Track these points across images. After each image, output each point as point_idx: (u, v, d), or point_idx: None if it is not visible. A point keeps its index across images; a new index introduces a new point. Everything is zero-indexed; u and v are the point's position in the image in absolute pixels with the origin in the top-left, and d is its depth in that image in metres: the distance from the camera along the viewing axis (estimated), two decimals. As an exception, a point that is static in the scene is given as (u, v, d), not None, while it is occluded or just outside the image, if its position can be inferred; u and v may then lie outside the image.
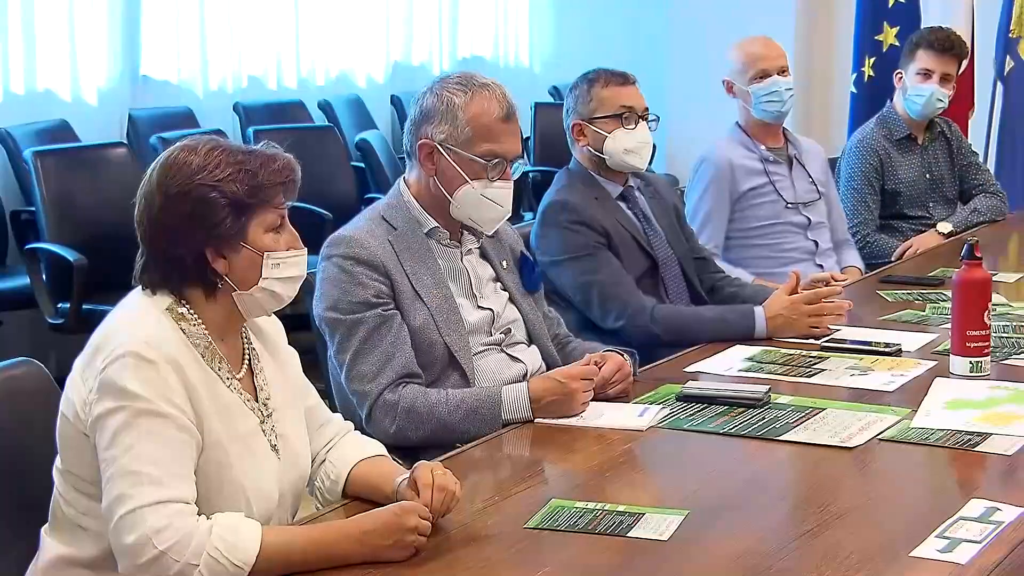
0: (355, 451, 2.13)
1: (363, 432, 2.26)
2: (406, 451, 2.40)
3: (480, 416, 2.46)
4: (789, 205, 3.94)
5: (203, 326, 1.93)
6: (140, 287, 1.95)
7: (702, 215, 3.91)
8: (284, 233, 1.98)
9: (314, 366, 2.55)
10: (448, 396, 2.48)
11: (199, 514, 1.80)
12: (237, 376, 1.96)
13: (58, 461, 1.93)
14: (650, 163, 3.33)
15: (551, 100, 7.62)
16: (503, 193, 2.58)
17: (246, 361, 2.00)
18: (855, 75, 6.02)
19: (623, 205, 3.27)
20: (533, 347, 2.71)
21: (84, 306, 4.36)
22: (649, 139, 3.21)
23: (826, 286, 3.27)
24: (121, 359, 1.82)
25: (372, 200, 5.83)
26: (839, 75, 6.93)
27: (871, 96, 5.78)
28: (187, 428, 1.84)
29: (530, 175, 6.28)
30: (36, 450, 1.95)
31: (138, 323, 1.88)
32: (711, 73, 4.31)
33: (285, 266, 1.96)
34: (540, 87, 7.78)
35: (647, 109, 3.22)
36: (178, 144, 1.95)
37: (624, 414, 2.47)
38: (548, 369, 2.66)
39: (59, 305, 4.48)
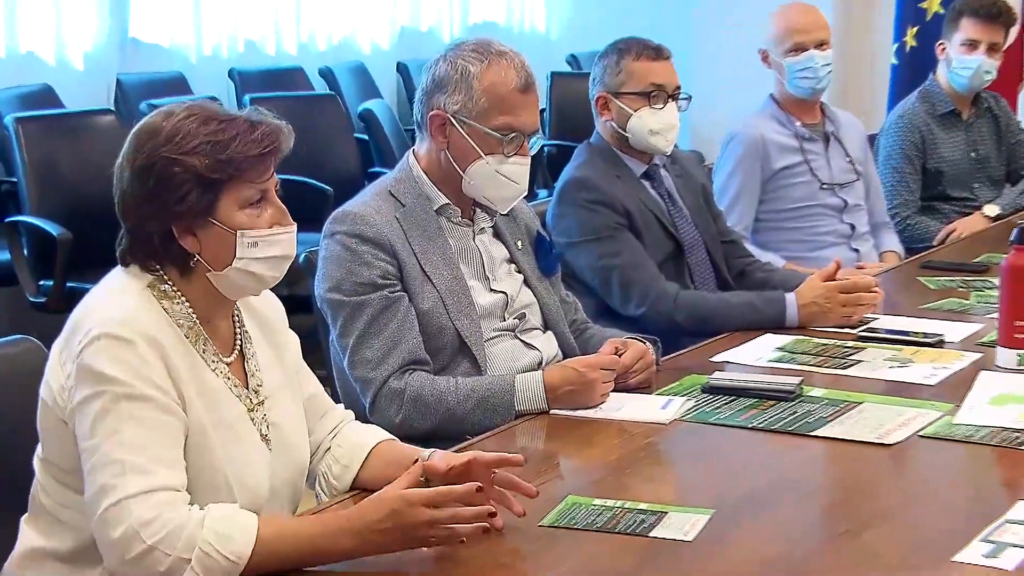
0: (367, 435, 2.13)
1: (366, 422, 2.27)
2: (412, 443, 2.40)
3: (492, 406, 2.47)
4: (824, 186, 3.94)
5: (187, 304, 1.93)
6: (122, 264, 1.95)
7: (731, 195, 3.91)
8: (267, 208, 1.93)
9: (314, 351, 2.56)
10: (458, 384, 2.49)
11: (189, 503, 1.81)
12: (226, 360, 1.96)
13: (39, 449, 1.94)
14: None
15: (568, 70, 7.62)
16: (519, 170, 2.59)
17: (237, 344, 2.00)
18: (896, 45, 6.00)
19: (647, 184, 3.27)
20: (549, 333, 2.71)
21: (68, 283, 4.38)
22: (676, 121, 3.19)
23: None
24: (96, 341, 1.82)
25: (375, 174, 5.82)
26: (879, 45, 6.90)
27: (913, 68, 5.76)
28: (171, 409, 1.84)
29: (546, 150, 6.28)
30: (32, 433, 1.95)
31: (115, 302, 1.88)
32: (740, 41, 4.31)
33: (265, 245, 1.92)
34: (557, 55, 7.78)
35: (679, 87, 3.20)
36: (159, 109, 1.94)
37: (646, 406, 2.48)
38: (565, 357, 2.66)
39: (41, 282, 4.51)
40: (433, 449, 2.06)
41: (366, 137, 5.95)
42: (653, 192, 3.27)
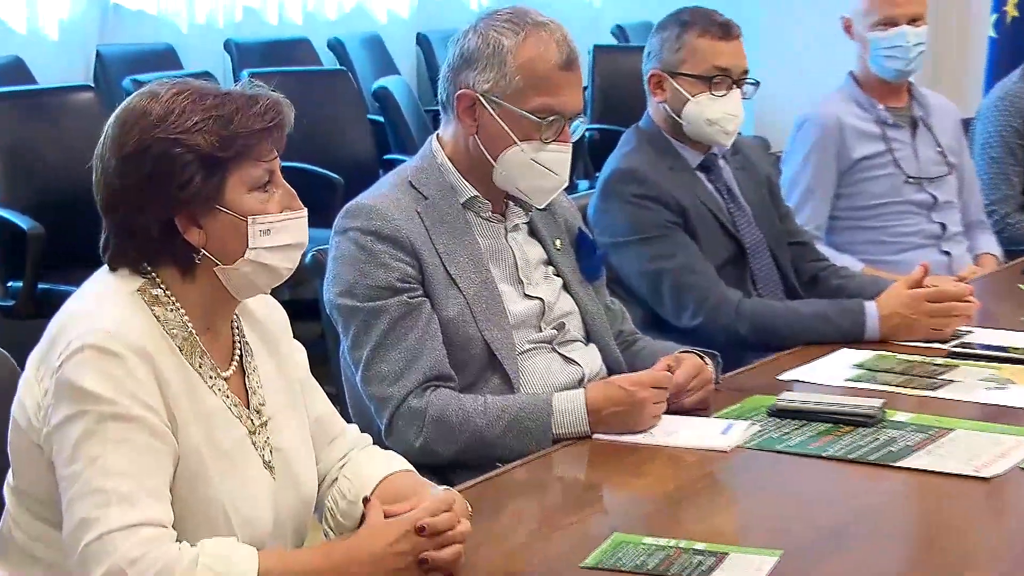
0: (378, 465, 2.15)
1: (382, 446, 2.28)
2: (434, 469, 2.42)
3: (525, 429, 2.48)
4: (910, 179, 3.94)
5: (182, 312, 1.94)
6: (108, 265, 1.96)
7: (801, 188, 3.91)
8: (276, 190, 1.96)
9: (322, 363, 2.58)
10: (487, 404, 2.50)
11: (179, 540, 1.82)
12: (223, 375, 1.98)
13: (10, 477, 1.96)
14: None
15: (614, 43, 7.63)
16: (559, 158, 2.60)
17: (236, 357, 2.02)
18: (995, 16, 5.98)
19: (703, 177, 3.27)
20: (592, 346, 2.72)
21: (40, 285, 4.41)
22: (739, 111, 3.19)
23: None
24: (79, 353, 1.83)
25: (392, 162, 5.80)
26: (975, 16, 6.88)
27: (1015, 42, 5.73)
28: (161, 433, 1.86)
29: (587, 135, 6.28)
30: (1, 458, 1.97)
31: (101, 309, 1.90)
32: (817, 11, 4.29)
33: (278, 231, 1.95)
34: (602, 26, 7.79)
35: (746, 72, 3.21)
36: (140, 90, 1.96)
37: (704, 430, 2.49)
38: (610, 373, 2.67)
39: (9, 283, 4.53)
40: (445, 487, 2.07)
41: (381, 119, 5.98)
42: (710, 186, 3.27)
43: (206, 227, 1.93)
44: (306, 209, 2.00)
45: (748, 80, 3.21)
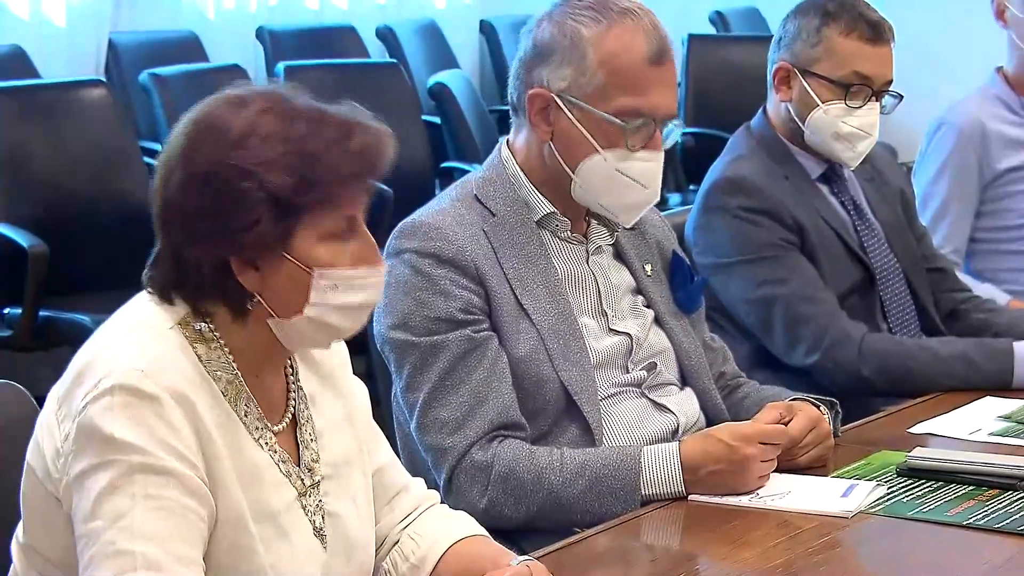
0: (450, 527, 2.15)
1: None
2: (501, 534, 2.41)
3: (609, 488, 2.48)
4: (1067, 196, 3.91)
5: (228, 351, 1.96)
6: (148, 290, 1.97)
7: (936, 204, 3.89)
8: (354, 240, 1.95)
9: (372, 407, 2.59)
10: (563, 458, 2.50)
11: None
12: (273, 428, 1.99)
13: (19, 531, 1.98)
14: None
15: (712, 31, 7.62)
16: (648, 168, 2.60)
17: (290, 406, 2.03)
18: None
19: (825, 189, 3.27)
20: (688, 390, 2.72)
21: (42, 312, 4.43)
22: (874, 128, 3.18)
23: None
24: (108, 396, 1.85)
25: (450, 171, 5.81)
26: None
27: None
28: (197, 491, 1.87)
29: (679, 140, 6.28)
30: (9, 508, 1.99)
31: (135, 343, 1.91)
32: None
33: (347, 288, 1.94)
34: (696, 11, 7.79)
35: (889, 83, 3.18)
36: (227, 92, 1.93)
37: (820, 493, 2.47)
38: (709, 423, 2.67)
39: (7, 310, 4.57)
40: (527, 557, 2.07)
41: (438, 120, 6.00)
42: (834, 200, 3.27)
43: (264, 272, 1.92)
44: (384, 264, 1.99)
45: (890, 92, 3.19)
